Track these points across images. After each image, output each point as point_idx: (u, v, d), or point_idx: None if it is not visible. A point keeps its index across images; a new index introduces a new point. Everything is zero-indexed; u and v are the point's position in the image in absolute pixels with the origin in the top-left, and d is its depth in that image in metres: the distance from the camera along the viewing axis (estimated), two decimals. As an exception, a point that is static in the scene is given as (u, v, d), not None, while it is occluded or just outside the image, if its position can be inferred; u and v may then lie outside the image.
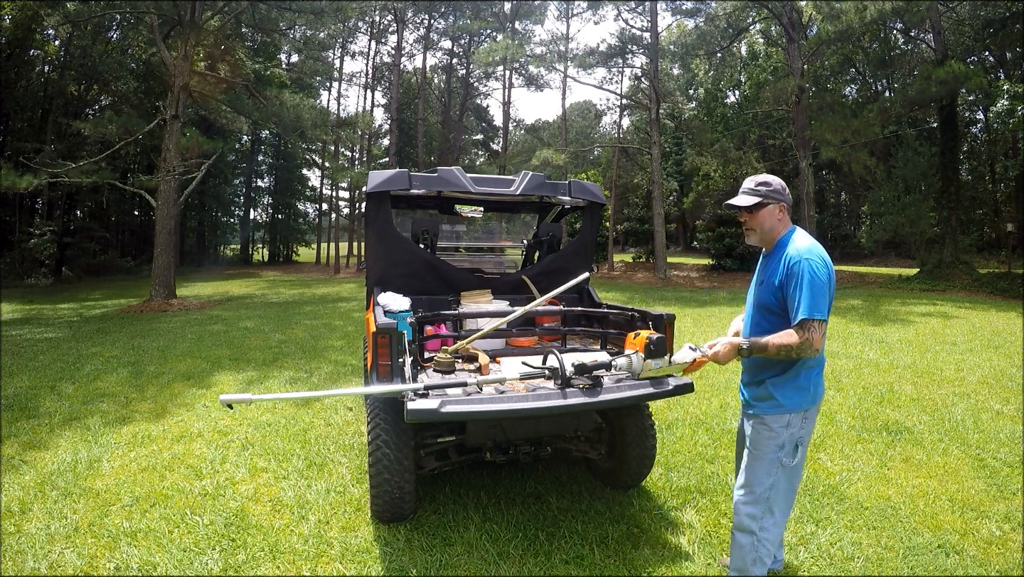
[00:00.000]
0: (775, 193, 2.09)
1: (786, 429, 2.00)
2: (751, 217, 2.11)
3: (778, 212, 2.09)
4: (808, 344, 1.88)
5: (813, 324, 1.88)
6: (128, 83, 22.58)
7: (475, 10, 26.47)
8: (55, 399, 5.13)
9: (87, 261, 22.09)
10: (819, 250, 1.99)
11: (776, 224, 2.11)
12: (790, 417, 2.00)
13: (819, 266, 1.92)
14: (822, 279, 1.91)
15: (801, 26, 19.48)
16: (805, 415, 2.03)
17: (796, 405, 2.00)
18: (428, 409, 2.19)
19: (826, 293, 1.92)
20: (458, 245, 4.85)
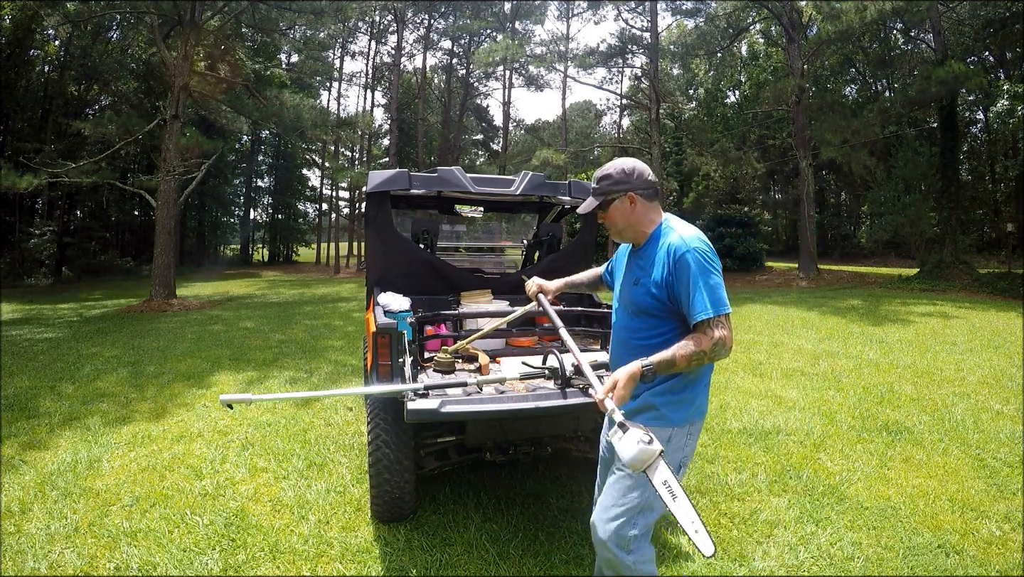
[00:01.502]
0: (617, 184, 1.78)
1: (666, 445, 1.68)
2: (605, 217, 1.85)
3: (628, 203, 1.78)
4: (722, 344, 1.60)
5: (720, 320, 1.61)
6: (128, 83, 22.58)
7: (475, 10, 26.48)
8: (55, 399, 5.13)
9: (87, 261, 22.09)
10: (703, 236, 1.74)
11: (633, 216, 1.80)
12: (672, 432, 1.71)
13: (710, 255, 1.67)
14: (716, 268, 1.67)
15: (801, 26, 19.49)
16: (690, 430, 1.75)
17: (680, 419, 1.72)
18: (428, 409, 2.19)
19: (719, 282, 1.66)
20: (458, 245, 4.85)
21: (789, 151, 24.62)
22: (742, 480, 3.34)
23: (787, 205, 32.90)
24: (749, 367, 6.28)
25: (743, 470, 3.48)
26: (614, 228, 1.85)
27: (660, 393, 1.72)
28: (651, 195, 1.80)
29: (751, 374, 5.97)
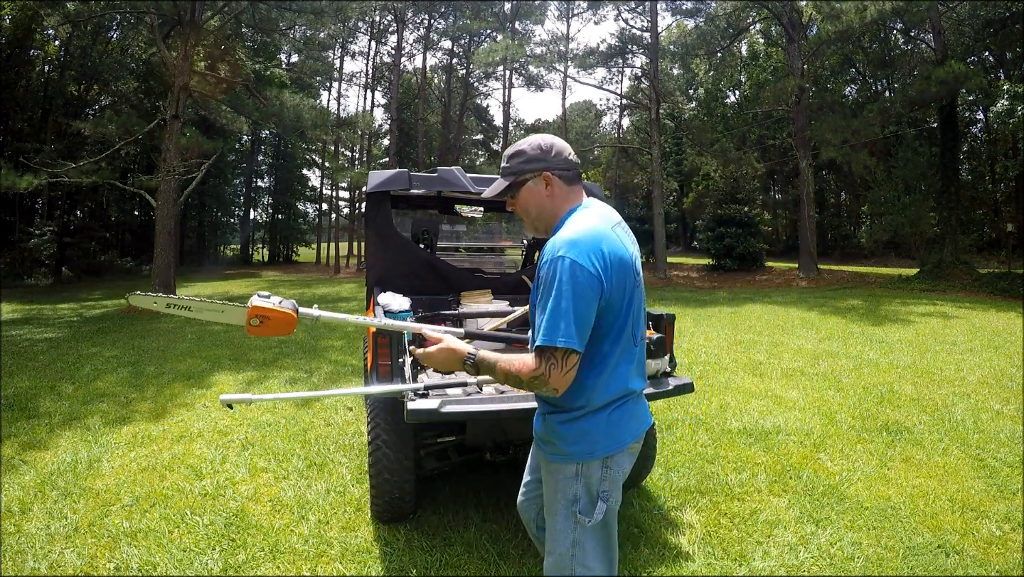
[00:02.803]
0: (531, 161, 1.49)
1: (576, 480, 1.47)
2: (514, 204, 1.56)
3: (543, 185, 1.49)
4: (542, 380, 1.34)
5: (553, 354, 1.32)
6: (128, 83, 22.58)
7: (475, 10, 26.47)
8: (55, 399, 5.13)
9: (87, 261, 22.08)
10: (592, 240, 1.36)
11: (548, 202, 1.51)
12: (578, 467, 1.47)
13: (578, 269, 1.32)
14: (579, 287, 1.31)
15: (801, 26, 19.49)
16: (605, 463, 1.47)
17: (584, 454, 1.46)
18: (428, 409, 2.19)
19: (580, 307, 1.31)
20: (458, 245, 4.85)
21: (789, 151, 24.63)
22: (742, 480, 3.34)
23: (787, 205, 32.89)
24: (749, 367, 6.28)
25: (743, 470, 3.48)
26: (526, 217, 1.56)
27: (554, 422, 1.50)
28: (571, 177, 1.52)
29: (751, 374, 5.97)
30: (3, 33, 19.26)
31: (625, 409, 1.50)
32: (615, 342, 1.44)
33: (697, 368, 6.25)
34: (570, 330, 1.31)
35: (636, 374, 1.53)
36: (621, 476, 1.53)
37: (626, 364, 1.49)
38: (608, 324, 1.42)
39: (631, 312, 1.46)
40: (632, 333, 1.49)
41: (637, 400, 1.56)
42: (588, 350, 1.41)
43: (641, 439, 1.57)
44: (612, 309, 1.41)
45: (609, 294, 1.38)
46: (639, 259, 1.55)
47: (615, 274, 1.38)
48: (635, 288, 1.47)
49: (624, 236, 1.50)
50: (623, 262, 1.41)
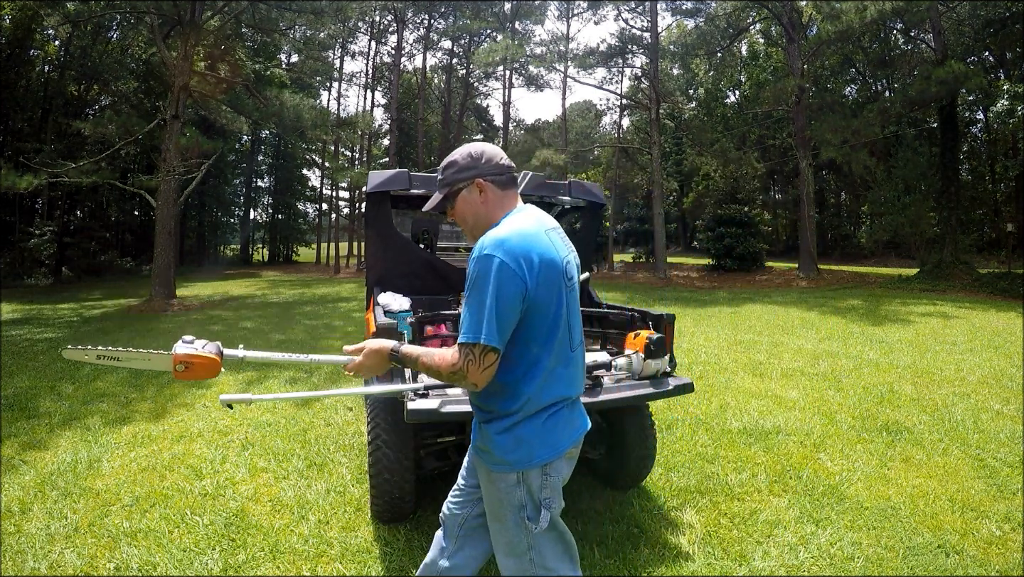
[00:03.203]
0: (463, 170, 1.52)
1: (518, 487, 1.46)
2: (453, 213, 1.58)
3: (477, 192, 1.51)
4: (460, 375, 1.36)
5: (472, 350, 1.34)
6: (128, 83, 22.59)
7: (475, 10, 26.47)
8: (55, 399, 5.13)
9: (87, 261, 22.08)
10: (520, 241, 1.37)
11: (483, 208, 1.52)
12: (518, 475, 1.46)
13: (503, 268, 1.33)
14: (502, 287, 1.33)
15: (801, 26, 19.50)
16: (544, 470, 1.46)
17: (522, 462, 1.45)
18: (428, 409, 2.19)
19: (501, 305, 1.33)
20: (458, 245, 4.85)
21: (789, 151, 24.64)
22: (742, 480, 3.34)
23: (787, 205, 32.90)
24: (749, 367, 6.28)
25: (743, 470, 3.48)
26: (464, 225, 1.57)
27: (490, 431, 1.48)
28: (505, 182, 1.53)
29: (751, 374, 5.97)
30: (3, 33, 19.27)
31: (561, 415, 1.49)
32: (546, 346, 1.44)
33: (697, 368, 6.25)
34: (491, 328, 1.33)
35: (573, 380, 1.53)
36: (561, 482, 1.53)
37: (561, 368, 1.48)
38: (538, 327, 1.42)
39: (562, 316, 1.45)
40: (568, 338, 1.48)
41: (573, 405, 1.55)
42: (519, 354, 1.42)
43: (579, 444, 1.57)
44: (540, 311, 1.40)
45: (535, 295, 1.38)
46: (575, 265, 1.55)
47: (542, 276, 1.38)
48: (567, 292, 1.47)
49: (557, 241, 1.50)
50: (552, 265, 1.41)
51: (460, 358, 1.37)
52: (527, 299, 1.37)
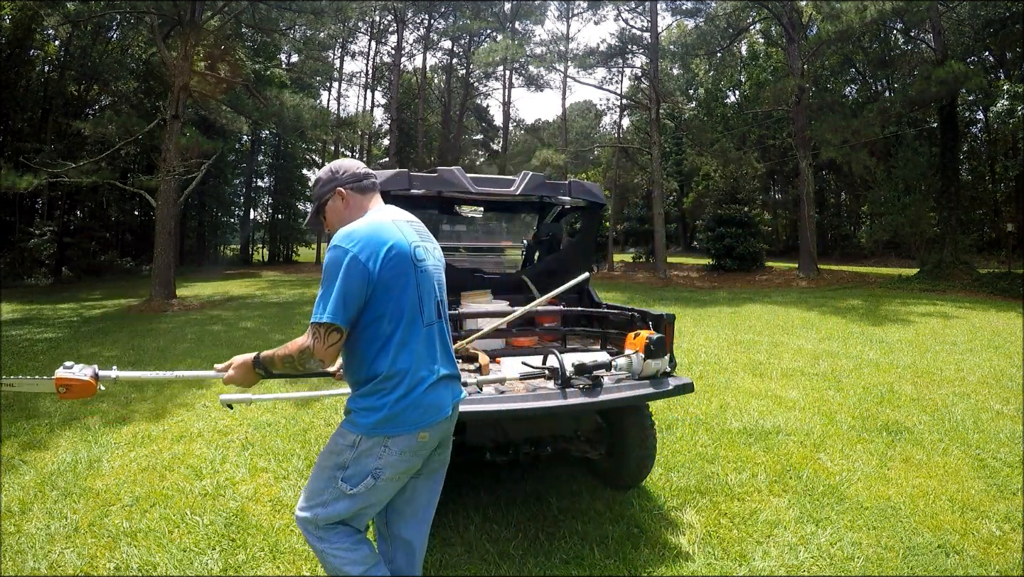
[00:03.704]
0: (326, 184, 1.72)
1: (351, 449, 1.61)
2: (327, 224, 1.75)
3: (339, 200, 1.71)
4: (308, 353, 1.53)
5: (318, 329, 1.51)
6: (128, 83, 22.56)
7: (475, 10, 26.48)
8: (55, 399, 5.12)
9: (87, 261, 22.07)
10: (366, 231, 1.56)
11: (344, 213, 1.71)
12: (359, 438, 1.60)
13: (340, 257, 1.52)
14: (346, 272, 1.50)
15: (801, 26, 19.49)
16: (384, 443, 1.59)
17: (367, 429, 1.59)
18: None
19: (345, 289, 1.50)
20: (458, 245, 4.84)
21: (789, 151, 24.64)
22: (742, 480, 3.34)
23: (787, 205, 32.88)
24: (749, 367, 6.28)
25: (743, 470, 3.48)
26: (333, 230, 1.70)
27: (353, 397, 1.66)
28: (364, 187, 1.73)
29: (751, 374, 5.97)
30: (3, 33, 19.26)
31: (414, 395, 1.60)
32: (398, 323, 1.59)
33: (697, 368, 6.25)
34: (334, 308, 1.50)
35: (431, 357, 1.66)
36: (401, 461, 1.62)
37: (416, 344, 1.62)
38: (388, 305, 1.58)
39: (410, 295, 1.61)
40: (419, 314, 1.63)
41: (433, 388, 1.65)
42: (373, 331, 1.59)
43: (435, 429, 1.66)
44: (388, 291, 1.57)
45: (380, 278, 1.55)
46: (430, 250, 1.74)
47: (387, 260, 1.55)
48: (418, 274, 1.64)
49: (407, 230, 1.67)
50: (398, 249, 1.59)
51: (308, 337, 1.54)
52: (372, 282, 1.54)
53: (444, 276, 1.83)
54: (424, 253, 1.69)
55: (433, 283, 1.71)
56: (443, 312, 1.77)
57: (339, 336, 1.54)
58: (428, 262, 1.70)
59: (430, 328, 1.68)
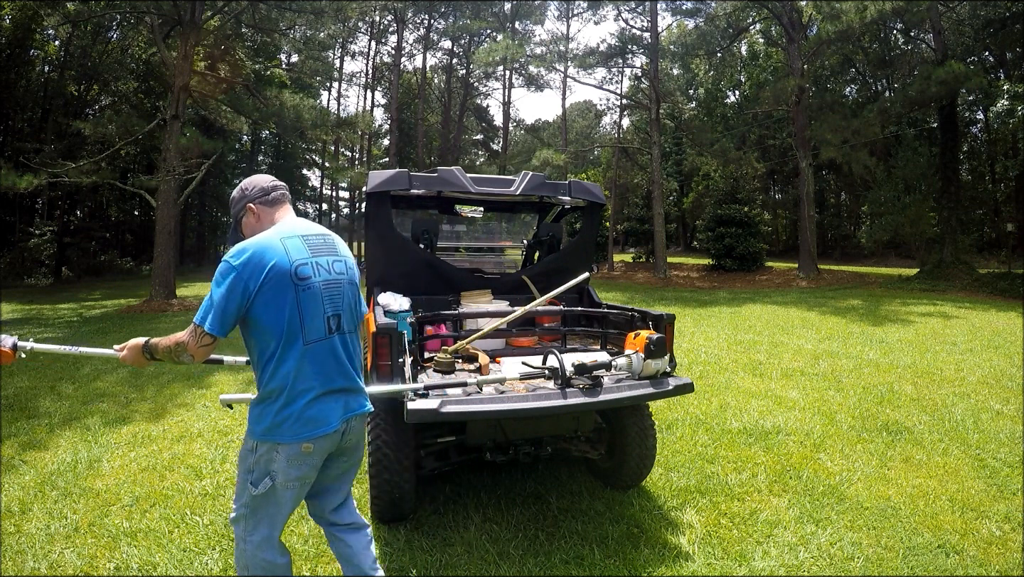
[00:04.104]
0: (239, 202, 1.87)
1: (252, 454, 1.74)
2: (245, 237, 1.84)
3: (251, 215, 1.85)
4: (183, 348, 1.66)
5: (195, 330, 1.64)
6: (128, 83, 22.57)
7: (475, 10, 26.47)
8: (55, 399, 5.13)
9: (87, 261, 22.09)
10: (253, 248, 1.66)
11: (256, 226, 1.84)
12: (256, 443, 1.73)
13: (228, 269, 1.63)
14: (219, 279, 1.63)
15: (801, 26, 19.49)
16: (275, 448, 1.70)
17: (259, 435, 1.71)
18: (428, 409, 2.19)
19: (224, 302, 1.61)
20: (458, 245, 4.84)
21: (789, 151, 24.63)
22: (742, 480, 3.34)
23: (787, 205, 32.89)
24: (749, 367, 6.28)
25: (743, 470, 3.48)
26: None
27: (251, 404, 1.77)
28: (272, 200, 1.85)
29: (751, 374, 5.97)
30: (3, 33, 19.26)
31: (293, 409, 1.69)
32: (277, 340, 1.68)
33: (697, 368, 6.25)
34: (212, 318, 1.62)
35: (315, 374, 1.72)
36: (290, 468, 1.71)
37: (292, 360, 1.69)
38: (269, 323, 1.67)
39: (289, 314, 1.67)
40: (300, 332, 1.69)
41: (317, 403, 1.72)
42: (261, 345, 1.71)
43: (321, 442, 1.74)
44: (267, 309, 1.66)
45: (259, 295, 1.64)
46: (324, 265, 1.77)
47: (267, 278, 1.64)
48: (298, 292, 1.69)
49: (295, 246, 1.73)
50: (277, 269, 1.66)
51: (187, 334, 1.66)
52: (250, 298, 1.64)
53: (351, 288, 1.87)
54: (311, 270, 1.73)
55: (320, 300, 1.74)
56: (344, 325, 1.82)
57: (211, 341, 1.66)
58: (315, 279, 1.74)
59: (317, 344, 1.73)
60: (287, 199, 1.90)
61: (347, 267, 1.87)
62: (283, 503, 1.78)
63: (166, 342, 1.72)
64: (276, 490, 1.74)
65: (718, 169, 22.33)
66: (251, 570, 1.82)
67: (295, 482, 1.75)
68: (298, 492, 1.79)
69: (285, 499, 1.77)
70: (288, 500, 1.78)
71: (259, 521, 1.79)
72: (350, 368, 1.84)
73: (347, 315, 1.84)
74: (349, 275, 1.87)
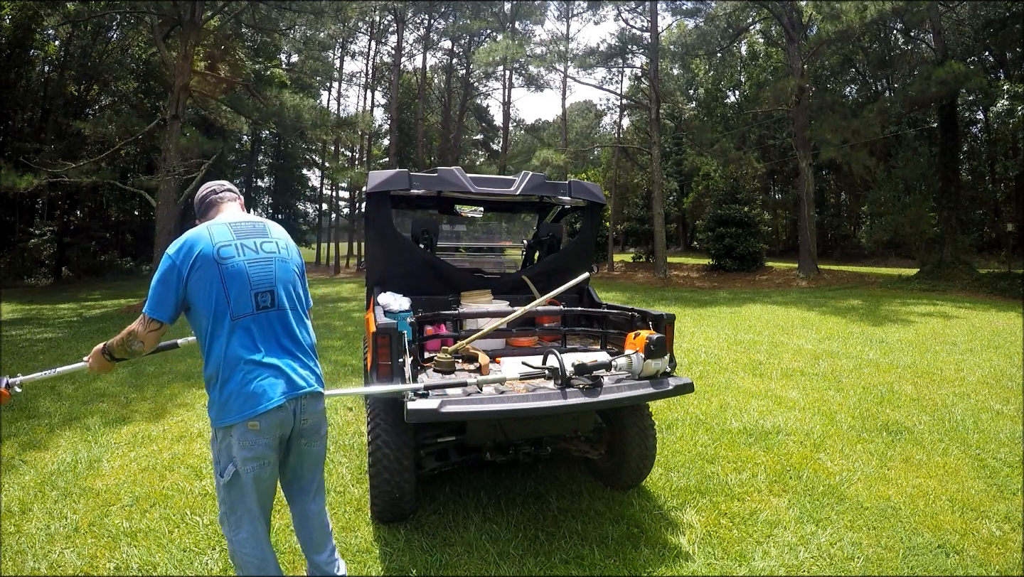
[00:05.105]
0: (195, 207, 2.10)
1: (215, 443, 1.84)
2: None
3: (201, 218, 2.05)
4: (133, 336, 1.81)
5: (143, 317, 1.80)
6: (128, 83, 22.57)
7: (475, 10, 26.45)
8: (55, 399, 5.13)
9: (87, 261, 22.08)
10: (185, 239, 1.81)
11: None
12: (214, 432, 1.84)
13: (166, 258, 1.79)
14: (162, 272, 1.77)
15: (801, 26, 19.49)
16: (227, 431, 1.78)
17: (215, 419, 1.81)
18: (428, 409, 2.19)
19: (161, 287, 1.77)
20: (458, 245, 4.85)
21: (789, 151, 24.62)
22: (742, 480, 3.34)
23: (787, 205, 32.88)
24: (749, 367, 6.28)
25: (743, 470, 3.48)
26: None
27: (208, 391, 1.86)
28: (206, 206, 2.04)
29: (751, 374, 5.97)
30: (3, 33, 19.26)
31: (232, 385, 1.77)
32: (210, 318, 1.79)
33: (697, 368, 6.25)
34: (152, 302, 1.78)
35: (249, 347, 1.79)
36: (243, 449, 1.77)
37: (222, 336, 1.78)
38: (201, 303, 1.79)
39: (215, 291, 1.78)
40: (226, 308, 1.79)
41: (256, 378, 1.78)
42: (198, 329, 1.83)
43: (266, 419, 1.78)
44: (198, 292, 1.78)
45: (189, 279, 1.78)
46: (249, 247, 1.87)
47: (196, 263, 1.78)
48: (221, 269, 1.79)
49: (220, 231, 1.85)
50: (202, 251, 1.79)
51: (136, 323, 1.81)
52: (183, 281, 1.78)
53: (283, 267, 1.93)
54: (233, 251, 1.83)
55: (246, 277, 1.83)
56: (279, 303, 1.88)
57: (157, 326, 1.80)
58: (238, 258, 1.83)
59: (246, 319, 1.81)
60: (224, 199, 2.05)
61: (279, 247, 1.95)
62: (248, 489, 1.82)
63: (118, 338, 1.85)
64: (239, 476, 1.80)
65: (718, 169, 22.32)
66: (244, 568, 1.86)
67: (252, 464, 1.79)
68: (257, 474, 1.81)
69: (248, 484, 1.81)
70: (250, 484, 1.81)
71: (240, 517, 1.84)
72: (290, 344, 1.89)
73: (283, 292, 1.90)
74: (281, 255, 1.95)
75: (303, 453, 1.96)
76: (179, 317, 1.86)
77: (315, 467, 2.03)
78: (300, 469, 1.99)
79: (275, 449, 1.84)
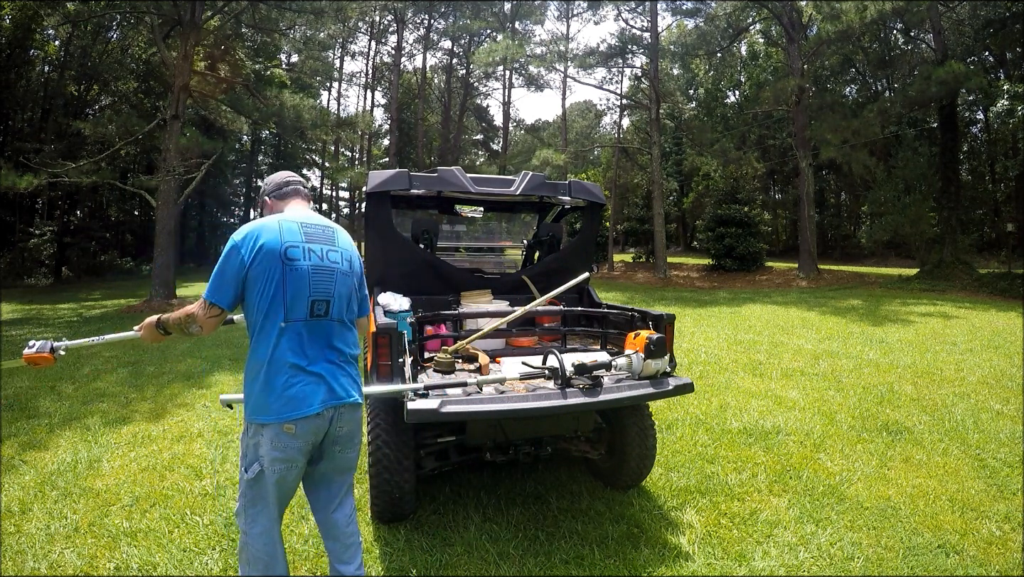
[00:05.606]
0: (260, 196, 2.11)
1: (245, 437, 1.83)
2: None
3: (267, 207, 2.06)
4: (193, 319, 1.80)
5: (204, 302, 1.78)
6: (128, 83, 22.57)
7: (475, 10, 26.46)
8: (55, 399, 5.13)
9: (87, 261, 22.08)
10: (252, 229, 1.80)
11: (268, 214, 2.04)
12: (247, 426, 1.81)
13: (231, 246, 1.78)
14: (227, 259, 1.77)
15: (801, 26, 19.49)
16: (259, 429, 1.77)
17: (248, 416, 1.80)
18: (428, 409, 2.19)
19: (223, 273, 1.76)
20: (458, 245, 4.85)
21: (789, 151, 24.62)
22: (742, 480, 3.34)
23: (787, 205, 32.88)
24: (749, 367, 6.28)
25: (743, 470, 3.48)
26: None
27: (245, 383, 1.85)
28: (282, 194, 2.03)
29: (751, 374, 5.97)
30: (3, 33, 19.26)
31: (274, 385, 1.75)
32: (264, 316, 1.78)
33: (697, 368, 6.25)
34: (213, 287, 1.76)
35: (297, 352, 1.78)
36: (274, 450, 1.76)
37: (273, 335, 1.77)
38: (256, 299, 1.77)
39: (274, 290, 1.76)
40: (282, 308, 1.77)
41: (299, 383, 1.77)
42: (251, 319, 1.81)
43: (303, 425, 1.77)
44: (256, 285, 1.76)
45: (251, 270, 1.76)
46: (316, 252, 1.85)
47: (260, 256, 1.75)
48: (286, 271, 1.78)
49: (290, 229, 1.83)
50: (269, 246, 1.77)
51: (196, 306, 1.80)
52: (245, 270, 1.76)
53: (344, 279, 1.91)
54: (300, 253, 1.81)
55: (307, 282, 1.81)
56: (332, 313, 1.87)
57: (218, 312, 1.79)
58: (303, 262, 1.81)
59: (298, 324, 1.79)
60: (300, 193, 2.05)
61: (343, 259, 1.92)
62: (270, 488, 1.81)
63: (176, 316, 1.82)
64: (264, 475, 1.79)
65: (718, 169, 22.31)
66: (253, 564, 1.85)
67: (279, 464, 1.78)
68: (283, 476, 1.80)
69: (271, 484, 1.80)
70: (273, 484, 1.80)
71: (257, 512, 1.83)
72: (334, 355, 1.87)
73: (337, 304, 1.88)
74: (344, 267, 1.92)
75: (336, 459, 1.95)
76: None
77: (346, 473, 2.02)
78: (331, 474, 1.98)
79: (305, 454, 1.84)
